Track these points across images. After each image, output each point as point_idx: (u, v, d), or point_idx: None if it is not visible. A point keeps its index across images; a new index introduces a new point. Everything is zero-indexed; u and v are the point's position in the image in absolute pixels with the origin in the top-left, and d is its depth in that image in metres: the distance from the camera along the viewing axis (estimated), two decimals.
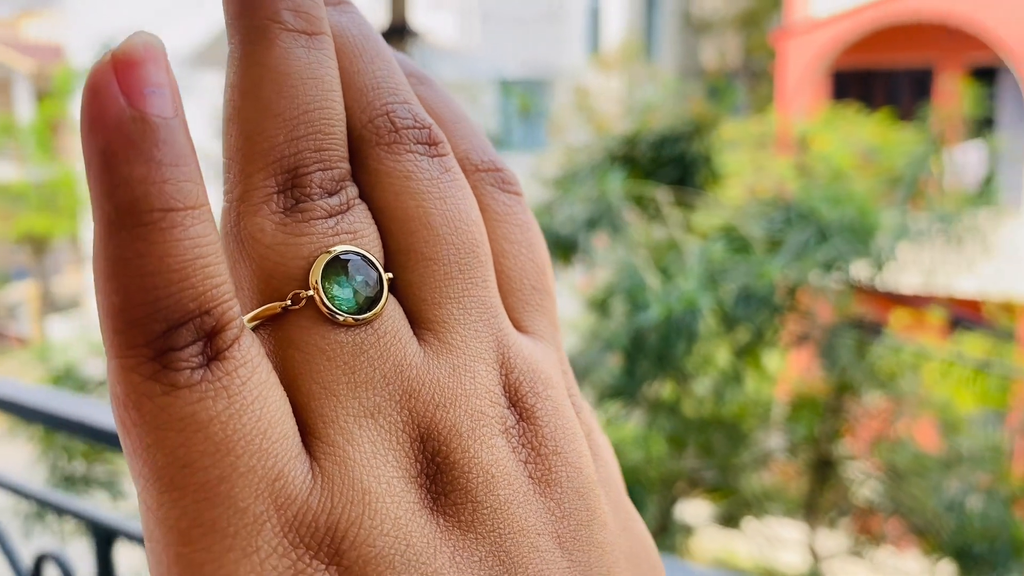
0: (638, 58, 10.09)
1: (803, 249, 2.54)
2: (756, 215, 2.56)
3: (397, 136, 0.22)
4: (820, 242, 2.57)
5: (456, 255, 0.22)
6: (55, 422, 1.02)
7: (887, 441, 3.45)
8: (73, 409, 1.03)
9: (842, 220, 2.67)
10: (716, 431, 3.10)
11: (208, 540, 0.18)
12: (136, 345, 0.18)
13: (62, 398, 1.07)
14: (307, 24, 0.21)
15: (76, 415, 1.01)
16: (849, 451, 3.53)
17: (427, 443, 0.20)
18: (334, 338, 0.20)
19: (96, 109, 0.18)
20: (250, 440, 0.18)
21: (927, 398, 3.75)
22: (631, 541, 0.23)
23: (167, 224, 0.18)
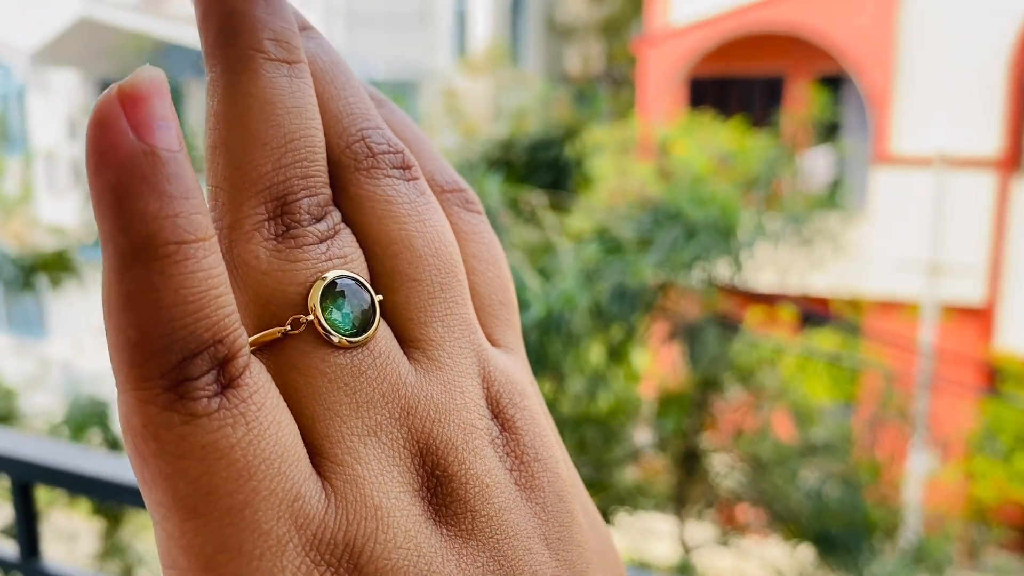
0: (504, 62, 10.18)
1: (672, 248, 2.64)
2: (627, 217, 2.64)
3: (374, 161, 0.23)
4: (687, 241, 2.68)
5: (438, 275, 0.23)
6: None
7: (748, 433, 3.61)
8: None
9: (707, 219, 2.78)
10: (590, 428, 3.18)
11: (235, 564, 0.18)
12: (152, 377, 0.18)
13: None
14: (287, 53, 0.22)
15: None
16: (714, 444, 3.67)
17: (426, 457, 0.21)
18: (334, 360, 0.21)
19: (105, 144, 0.18)
20: (270, 464, 0.19)
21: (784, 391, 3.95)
22: (599, 539, 0.25)
23: (181, 257, 0.18)
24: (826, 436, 3.66)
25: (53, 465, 0.95)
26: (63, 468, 0.94)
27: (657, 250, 2.60)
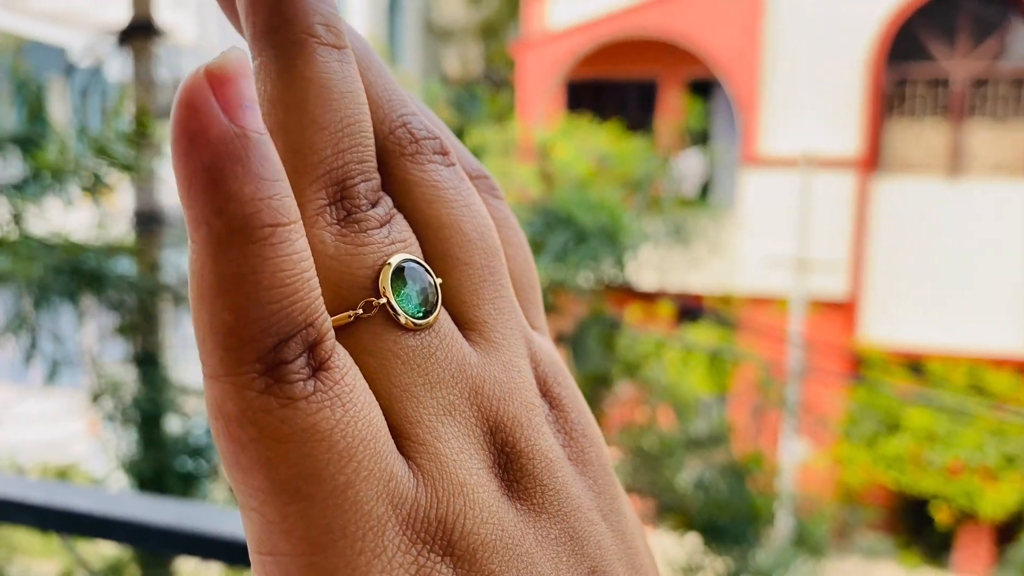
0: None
1: (563, 251, 2.69)
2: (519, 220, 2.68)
3: (418, 147, 0.23)
4: (578, 244, 2.74)
5: (486, 259, 0.23)
6: None
7: (636, 427, 3.71)
8: None
9: (596, 224, 2.85)
10: None
11: (340, 546, 0.18)
12: (248, 361, 0.18)
13: None
14: (337, 38, 0.22)
15: None
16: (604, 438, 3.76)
17: (496, 435, 0.21)
18: (404, 342, 0.21)
19: (197, 125, 0.18)
20: (367, 444, 0.19)
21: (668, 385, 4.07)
22: (631, 507, 0.26)
23: (277, 239, 0.18)
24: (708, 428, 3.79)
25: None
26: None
27: (549, 253, 2.65)
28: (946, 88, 8.15)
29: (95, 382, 2.85)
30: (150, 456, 2.68)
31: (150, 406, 2.80)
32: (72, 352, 3.02)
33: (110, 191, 3.02)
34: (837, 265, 8.12)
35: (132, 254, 3.25)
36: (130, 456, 2.77)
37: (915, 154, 8.28)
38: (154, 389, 2.87)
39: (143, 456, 2.73)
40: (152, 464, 2.67)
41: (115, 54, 3.65)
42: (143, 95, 3.56)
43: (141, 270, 3.21)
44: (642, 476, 3.51)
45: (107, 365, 3.03)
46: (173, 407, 2.89)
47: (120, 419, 2.80)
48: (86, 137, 2.83)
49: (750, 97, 8.39)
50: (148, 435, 2.72)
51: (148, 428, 2.74)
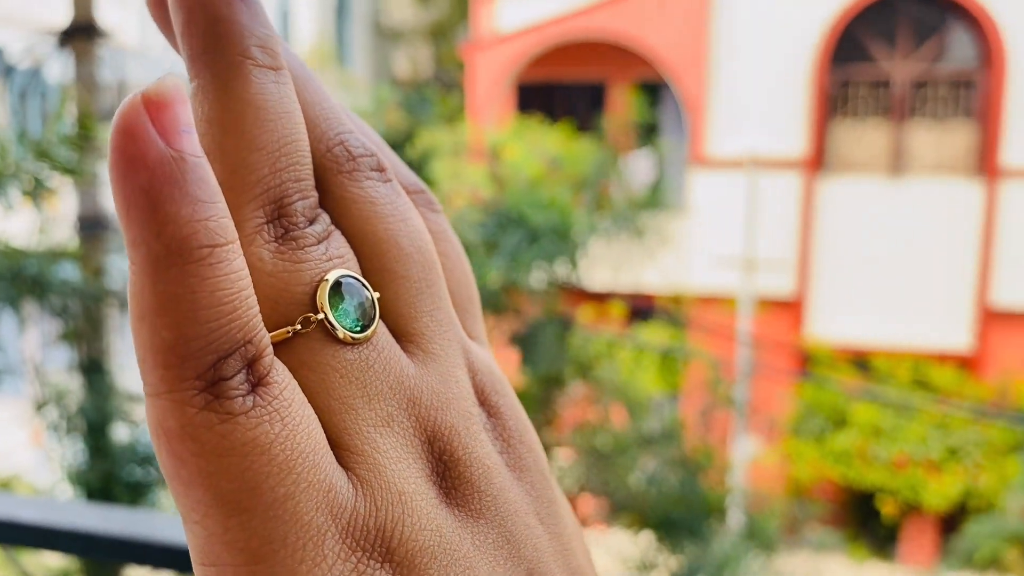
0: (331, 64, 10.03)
1: (516, 251, 2.70)
2: (472, 221, 2.68)
3: (355, 164, 0.24)
4: (530, 244, 2.75)
5: (423, 272, 0.24)
6: None
7: (589, 426, 3.73)
8: None
9: (547, 223, 2.86)
10: None
11: (280, 555, 0.19)
12: (188, 378, 0.19)
13: None
14: (273, 60, 0.22)
15: None
16: (557, 439, 3.77)
17: (434, 444, 0.22)
18: (343, 356, 0.21)
19: (135, 150, 0.18)
20: (306, 457, 0.19)
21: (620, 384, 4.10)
22: (568, 509, 0.27)
23: (215, 259, 0.19)
24: (660, 426, 3.82)
25: None
26: None
27: (501, 254, 2.65)
28: (887, 89, 8.32)
29: (38, 390, 2.79)
30: (97, 466, 2.63)
31: (96, 415, 2.75)
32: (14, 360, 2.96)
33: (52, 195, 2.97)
34: (784, 264, 8.25)
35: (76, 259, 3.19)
36: (76, 466, 2.72)
37: (858, 154, 8.44)
38: (100, 397, 2.82)
39: (90, 466, 2.67)
40: (99, 474, 2.62)
41: (55, 55, 3.57)
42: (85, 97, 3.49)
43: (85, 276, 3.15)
44: (595, 475, 3.53)
45: (51, 373, 2.97)
46: (120, 415, 2.84)
47: (65, 428, 2.74)
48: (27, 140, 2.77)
49: (697, 99, 8.49)
50: (95, 444, 2.67)
51: (94, 437, 2.69)
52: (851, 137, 8.46)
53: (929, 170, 8.27)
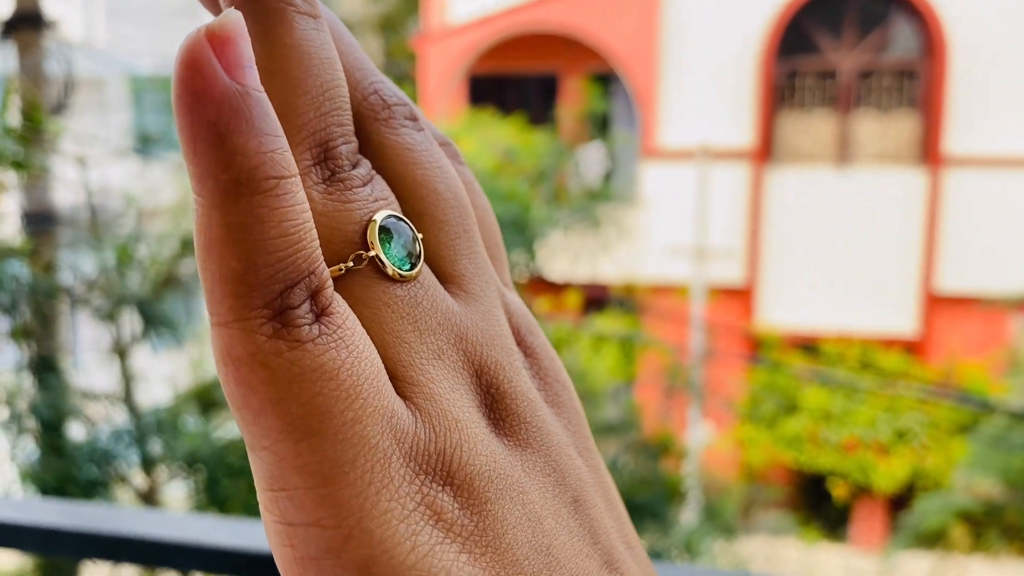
0: None
1: None
2: None
3: (390, 112, 0.24)
4: None
5: (459, 216, 0.25)
6: None
7: None
8: None
9: (506, 215, 2.87)
10: None
11: (350, 477, 0.19)
12: (256, 307, 0.19)
13: None
14: (312, 7, 0.23)
15: None
16: None
17: (481, 377, 0.23)
18: (393, 292, 0.22)
19: (200, 84, 0.18)
20: (371, 383, 0.20)
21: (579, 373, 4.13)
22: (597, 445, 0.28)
23: (281, 191, 0.19)
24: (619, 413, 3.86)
25: None
26: None
27: None
28: (834, 80, 8.46)
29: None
30: (52, 464, 2.59)
31: (50, 413, 2.70)
32: None
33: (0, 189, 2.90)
34: (734, 252, 8.36)
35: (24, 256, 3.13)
36: (30, 465, 2.67)
37: (805, 144, 8.58)
38: (53, 395, 2.77)
39: (44, 464, 2.63)
40: (55, 473, 2.58)
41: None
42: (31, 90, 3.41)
43: (35, 272, 3.09)
44: None
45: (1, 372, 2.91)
46: (75, 413, 2.79)
47: (17, 427, 2.69)
48: None
49: (648, 90, 8.55)
50: (49, 443, 2.62)
51: (49, 435, 2.64)
52: (798, 127, 8.59)
53: (874, 159, 8.44)
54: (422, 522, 0.20)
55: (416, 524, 0.20)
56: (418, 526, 0.20)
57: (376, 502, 0.19)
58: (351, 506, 0.19)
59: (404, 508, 0.20)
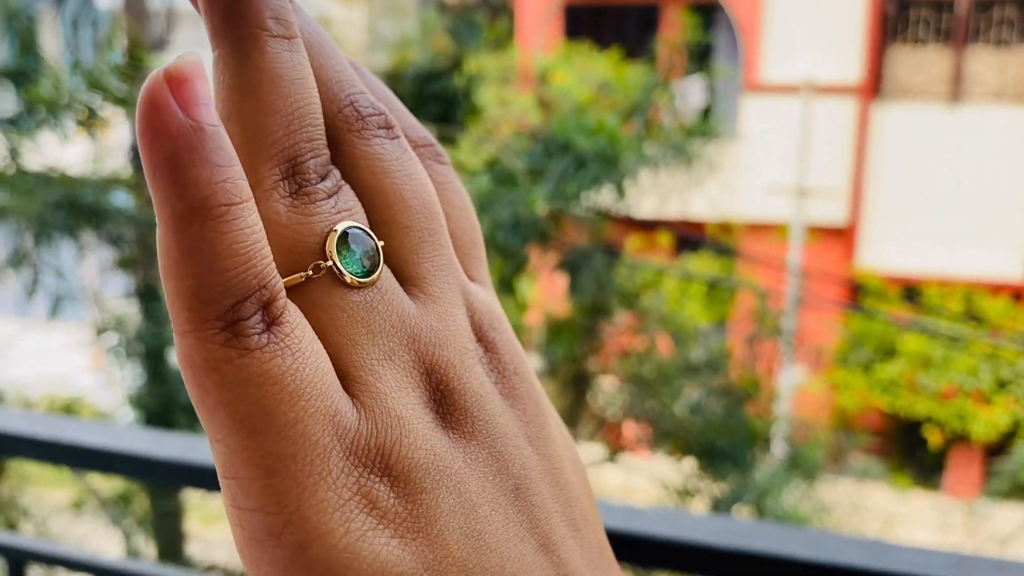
0: None
1: (562, 178, 2.69)
2: (518, 148, 2.67)
3: (364, 123, 0.26)
4: (577, 171, 2.73)
5: (426, 222, 0.26)
6: None
7: (634, 355, 3.75)
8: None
9: (595, 149, 2.84)
10: None
11: (291, 470, 0.22)
12: (210, 319, 0.21)
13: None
14: (287, 30, 0.25)
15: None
16: (601, 367, 3.80)
17: (431, 375, 0.25)
18: (350, 298, 0.24)
19: (159, 121, 0.21)
20: (314, 386, 0.22)
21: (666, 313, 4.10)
22: (564, 436, 0.30)
23: (231, 216, 0.21)
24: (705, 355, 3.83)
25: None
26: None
27: (548, 181, 2.64)
28: (950, 12, 8.02)
29: (98, 316, 2.88)
30: (156, 390, 2.72)
31: (154, 340, 2.83)
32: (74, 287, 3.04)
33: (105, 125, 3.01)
34: (836, 192, 8.10)
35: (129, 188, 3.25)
36: (136, 390, 2.81)
37: (916, 80, 8.19)
38: (157, 323, 2.89)
39: (149, 390, 2.76)
40: (158, 398, 2.71)
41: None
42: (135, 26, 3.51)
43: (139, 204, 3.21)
44: (640, 403, 3.56)
45: (109, 299, 3.05)
46: None
47: (124, 353, 2.83)
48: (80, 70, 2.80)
49: (751, 21, 8.26)
50: (153, 369, 2.75)
51: (153, 362, 2.77)
52: (909, 62, 8.19)
53: (990, 96, 8.00)
54: (356, 510, 0.22)
55: (350, 512, 0.22)
56: (352, 513, 0.22)
57: (314, 492, 0.22)
58: (291, 495, 0.21)
59: (340, 497, 0.22)
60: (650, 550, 0.84)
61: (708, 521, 0.88)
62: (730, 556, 0.84)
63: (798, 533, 0.87)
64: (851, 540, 0.84)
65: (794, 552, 0.83)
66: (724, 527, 0.86)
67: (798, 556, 0.83)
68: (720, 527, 0.86)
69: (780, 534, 0.86)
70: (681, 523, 0.87)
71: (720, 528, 0.86)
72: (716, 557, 0.84)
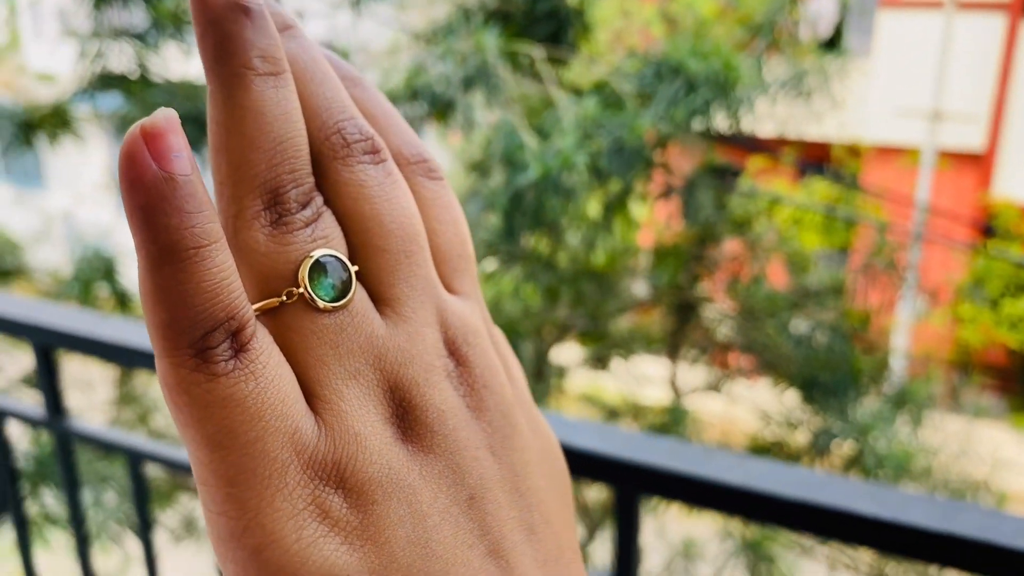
0: None
1: (672, 102, 2.63)
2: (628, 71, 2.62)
3: (349, 150, 0.28)
4: (688, 94, 2.66)
5: (401, 244, 0.28)
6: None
7: (742, 283, 3.69)
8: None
9: (708, 72, 2.76)
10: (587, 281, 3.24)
11: (251, 481, 0.24)
12: (181, 347, 0.24)
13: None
14: (273, 66, 0.27)
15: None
16: (708, 294, 3.75)
17: (395, 392, 0.27)
18: (320, 322, 0.26)
19: (134, 173, 0.23)
20: (274, 408, 0.24)
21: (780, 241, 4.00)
22: (540, 440, 0.32)
23: (198, 258, 0.23)
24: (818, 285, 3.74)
25: (72, 332, 1.01)
26: (81, 335, 1.00)
27: (657, 104, 2.59)
28: None
29: None
30: None
31: None
32: None
33: None
34: (974, 116, 7.64)
35: None
36: None
37: None
38: None
39: None
40: None
41: None
42: None
43: None
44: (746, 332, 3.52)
45: None
46: None
47: None
48: None
49: None
50: None
51: None
52: None
53: None
54: (310, 519, 0.24)
55: (304, 520, 0.24)
56: (305, 522, 0.24)
57: (271, 502, 0.24)
58: (250, 504, 0.24)
59: (295, 507, 0.24)
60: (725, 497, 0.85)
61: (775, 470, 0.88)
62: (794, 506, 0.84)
63: (863, 487, 0.86)
64: (919, 498, 0.83)
65: (856, 507, 0.82)
66: (789, 477, 0.86)
67: (861, 511, 0.82)
68: (785, 476, 0.86)
69: (844, 487, 0.85)
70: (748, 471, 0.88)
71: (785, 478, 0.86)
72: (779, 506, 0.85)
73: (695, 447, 0.92)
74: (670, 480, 0.89)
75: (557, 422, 0.96)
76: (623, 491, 0.93)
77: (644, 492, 0.91)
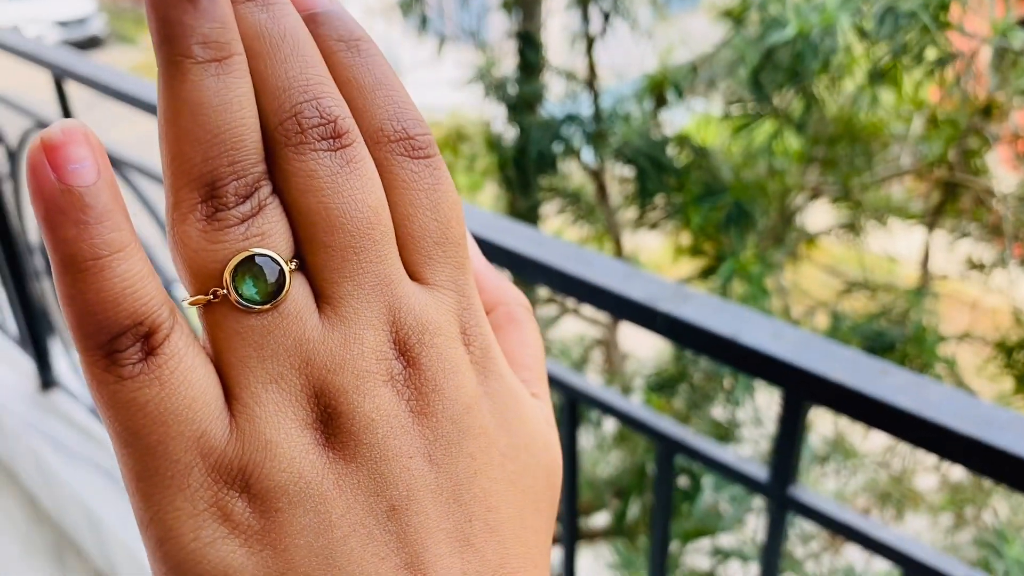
0: None
1: None
2: None
3: (303, 137, 0.26)
4: None
5: (349, 239, 0.26)
6: None
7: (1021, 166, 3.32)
8: None
9: None
10: (845, 146, 3.05)
11: (154, 480, 0.25)
12: (92, 348, 0.24)
13: None
14: (216, 52, 0.25)
15: None
16: (984, 171, 3.42)
17: (320, 399, 0.26)
18: (246, 322, 0.26)
19: (35, 185, 0.23)
20: (178, 413, 0.25)
21: None
22: (516, 437, 0.30)
23: (98, 268, 0.24)
24: None
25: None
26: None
27: None
28: None
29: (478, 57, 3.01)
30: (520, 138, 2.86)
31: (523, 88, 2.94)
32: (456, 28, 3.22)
33: None
34: None
35: None
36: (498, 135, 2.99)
37: None
38: (528, 71, 2.99)
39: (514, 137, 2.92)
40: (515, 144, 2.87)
41: None
42: None
43: None
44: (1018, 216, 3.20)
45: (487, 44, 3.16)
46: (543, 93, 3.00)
47: (495, 96, 2.96)
48: None
49: None
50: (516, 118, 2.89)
51: (517, 110, 2.90)
52: None
53: None
54: (210, 519, 0.25)
55: (203, 520, 0.25)
56: (205, 522, 0.25)
57: (171, 501, 0.25)
58: (152, 500, 0.25)
59: (195, 508, 0.25)
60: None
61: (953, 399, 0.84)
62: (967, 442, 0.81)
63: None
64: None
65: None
66: (969, 411, 0.83)
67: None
68: (963, 409, 0.83)
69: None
70: (922, 396, 0.85)
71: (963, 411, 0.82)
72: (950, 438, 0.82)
73: (871, 361, 0.89)
74: (837, 392, 0.86)
75: (723, 310, 0.93)
76: (789, 395, 0.92)
77: (809, 400, 0.90)
